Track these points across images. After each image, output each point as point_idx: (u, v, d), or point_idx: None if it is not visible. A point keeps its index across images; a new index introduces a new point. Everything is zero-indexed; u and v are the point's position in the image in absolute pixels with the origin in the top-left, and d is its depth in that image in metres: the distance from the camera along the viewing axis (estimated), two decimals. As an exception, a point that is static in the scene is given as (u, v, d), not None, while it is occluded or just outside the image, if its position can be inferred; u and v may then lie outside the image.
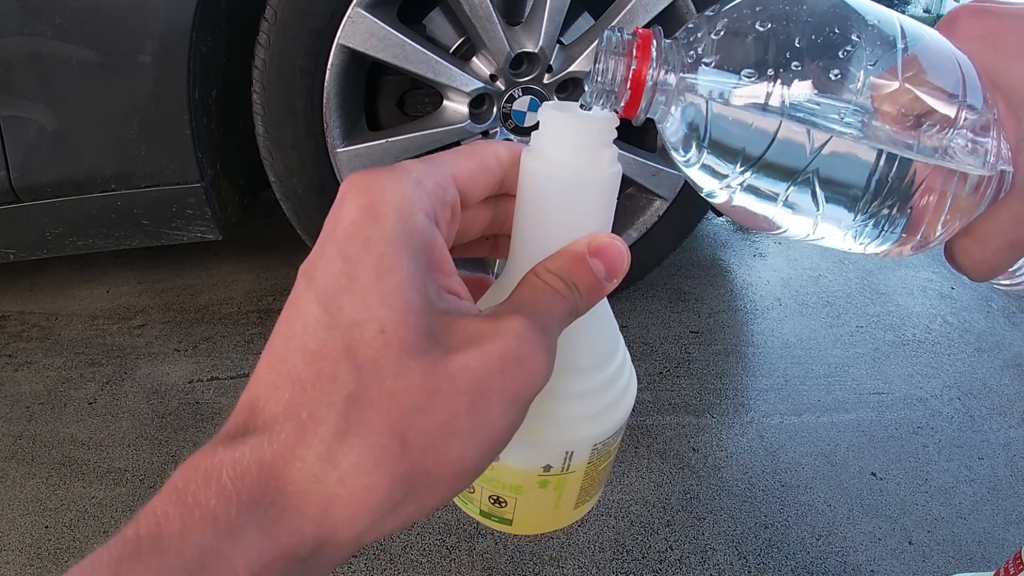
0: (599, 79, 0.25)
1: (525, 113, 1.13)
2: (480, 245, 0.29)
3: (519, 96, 1.11)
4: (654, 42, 0.25)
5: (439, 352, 0.20)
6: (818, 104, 0.24)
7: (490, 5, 1.02)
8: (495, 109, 1.12)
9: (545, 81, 1.11)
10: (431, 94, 1.23)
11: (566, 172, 0.25)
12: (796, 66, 0.24)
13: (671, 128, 0.27)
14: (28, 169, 1.05)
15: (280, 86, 1.01)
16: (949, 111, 0.24)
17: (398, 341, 0.20)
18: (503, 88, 1.10)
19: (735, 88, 0.25)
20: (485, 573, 0.86)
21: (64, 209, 1.10)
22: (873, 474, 1.05)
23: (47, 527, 0.90)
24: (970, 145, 0.25)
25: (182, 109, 1.02)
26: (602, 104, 0.26)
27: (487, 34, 1.04)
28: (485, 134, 1.13)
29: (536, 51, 1.07)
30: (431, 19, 1.22)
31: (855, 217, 0.26)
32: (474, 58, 1.11)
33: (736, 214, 0.28)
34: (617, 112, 0.26)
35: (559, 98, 1.14)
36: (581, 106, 0.26)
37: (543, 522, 0.32)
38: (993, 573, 0.77)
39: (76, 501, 0.94)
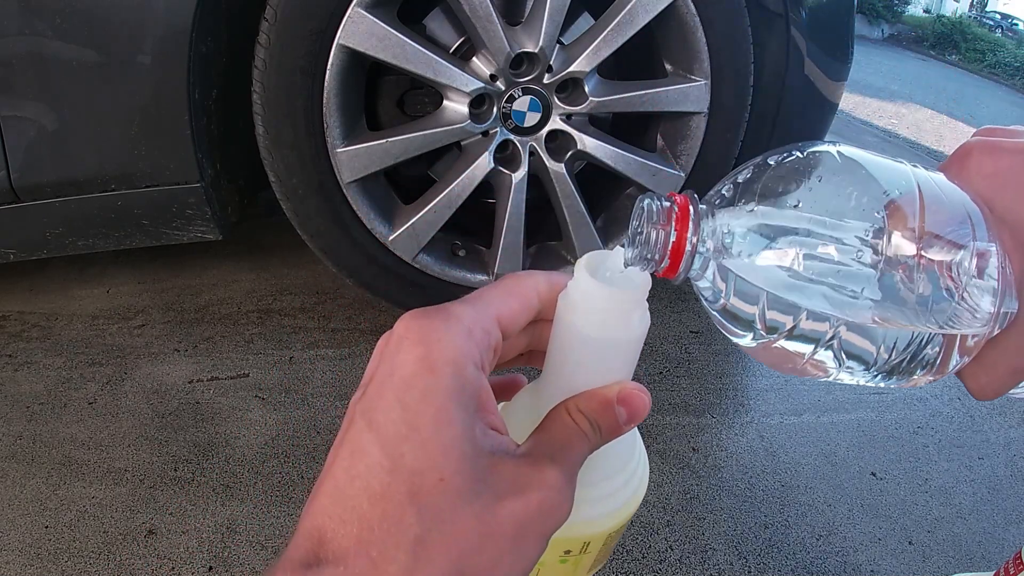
0: (640, 249, 0.27)
1: (525, 113, 1.13)
2: (516, 361, 0.33)
3: (519, 96, 1.11)
4: (691, 209, 0.27)
5: (489, 498, 0.24)
6: (837, 276, 0.26)
7: (490, 5, 1.02)
8: (495, 109, 1.12)
9: (545, 81, 1.11)
10: (431, 94, 1.23)
11: (599, 333, 0.27)
12: (820, 244, 0.26)
13: (704, 284, 0.29)
14: (28, 169, 1.05)
15: (280, 86, 1.01)
16: (960, 276, 0.26)
17: (455, 489, 0.23)
18: (503, 88, 1.10)
19: (765, 259, 0.27)
20: (485, 573, 0.86)
21: (64, 209, 1.10)
22: (873, 474, 1.05)
23: (47, 527, 0.90)
24: (978, 312, 0.26)
25: (182, 109, 1.02)
26: (642, 268, 0.28)
27: (487, 34, 1.04)
28: (485, 134, 1.13)
29: (536, 51, 1.07)
30: (431, 19, 1.22)
31: (873, 375, 0.29)
32: (474, 58, 1.11)
33: (759, 357, 0.30)
34: (656, 274, 0.28)
35: (559, 98, 1.14)
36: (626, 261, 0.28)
37: None
38: (993, 573, 0.77)
39: (76, 501, 0.94)
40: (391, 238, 1.16)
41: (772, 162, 0.28)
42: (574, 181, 1.18)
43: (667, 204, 0.27)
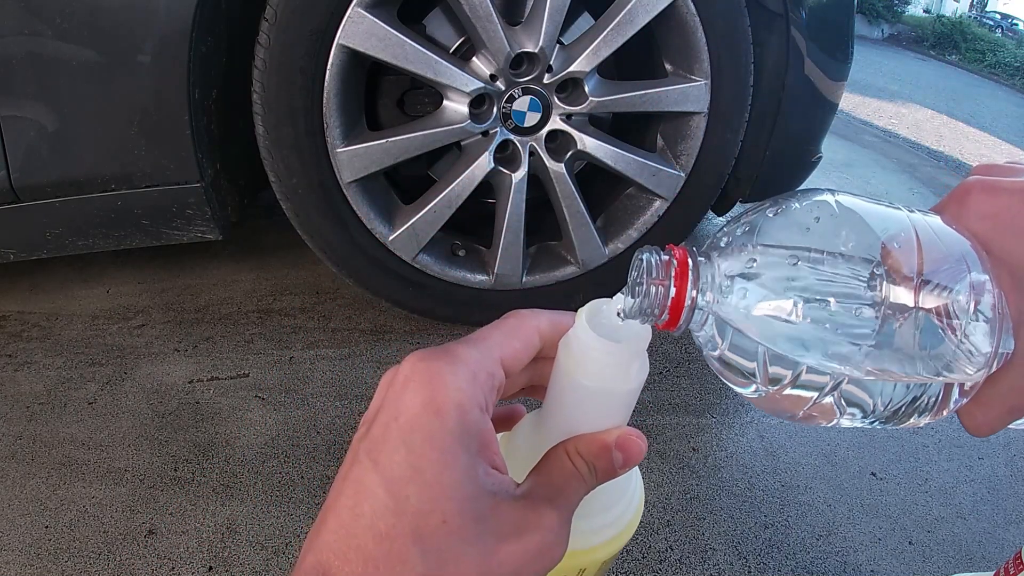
0: (639, 303, 0.27)
1: (525, 113, 1.13)
2: (518, 395, 0.33)
3: (519, 96, 1.11)
4: (690, 263, 0.27)
5: (490, 540, 0.25)
6: (837, 329, 0.26)
7: (490, 5, 1.02)
8: (495, 109, 1.12)
9: (545, 81, 1.11)
10: (431, 94, 1.23)
11: (598, 384, 0.28)
12: (819, 296, 0.26)
13: (704, 337, 0.29)
14: (28, 169, 1.05)
15: (280, 86, 1.01)
16: (958, 320, 0.26)
17: (458, 531, 0.24)
18: (503, 88, 1.10)
19: (763, 312, 0.27)
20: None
21: (64, 209, 1.10)
22: (873, 474, 1.05)
23: (47, 527, 0.90)
24: (977, 355, 0.27)
25: (182, 109, 1.02)
26: (642, 321, 0.28)
27: (487, 34, 1.04)
28: (485, 134, 1.13)
29: (536, 51, 1.07)
30: (431, 19, 1.22)
31: (871, 421, 0.29)
32: (474, 58, 1.11)
33: (761, 406, 0.31)
34: (656, 327, 0.28)
35: (559, 98, 1.14)
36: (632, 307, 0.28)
37: None
38: (993, 573, 0.77)
39: (76, 501, 0.94)
40: (391, 238, 1.16)
41: (770, 213, 0.29)
42: (574, 181, 1.18)
43: (666, 258, 0.27)
